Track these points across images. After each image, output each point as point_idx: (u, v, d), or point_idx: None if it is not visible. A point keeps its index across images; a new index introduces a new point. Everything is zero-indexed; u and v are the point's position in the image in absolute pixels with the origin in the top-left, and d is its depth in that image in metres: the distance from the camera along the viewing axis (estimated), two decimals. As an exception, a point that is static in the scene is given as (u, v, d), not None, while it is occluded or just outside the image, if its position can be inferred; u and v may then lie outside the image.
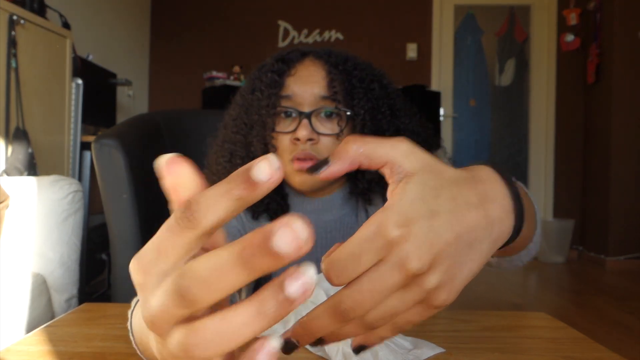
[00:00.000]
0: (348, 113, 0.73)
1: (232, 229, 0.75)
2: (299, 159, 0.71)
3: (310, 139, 0.71)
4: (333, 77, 0.72)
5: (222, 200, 0.19)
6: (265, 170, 0.19)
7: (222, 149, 0.78)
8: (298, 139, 0.70)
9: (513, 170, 4.23)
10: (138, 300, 0.47)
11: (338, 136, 0.72)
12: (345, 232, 0.81)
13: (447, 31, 4.18)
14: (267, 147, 0.74)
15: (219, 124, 0.84)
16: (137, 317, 0.44)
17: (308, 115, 0.71)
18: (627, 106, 3.54)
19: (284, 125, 0.73)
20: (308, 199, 0.79)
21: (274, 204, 0.79)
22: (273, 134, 0.73)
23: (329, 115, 0.73)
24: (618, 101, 3.55)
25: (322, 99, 0.72)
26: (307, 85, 0.72)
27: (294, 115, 0.72)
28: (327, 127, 0.72)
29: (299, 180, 0.73)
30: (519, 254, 0.54)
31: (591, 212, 3.88)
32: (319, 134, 0.72)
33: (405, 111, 0.79)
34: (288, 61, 0.74)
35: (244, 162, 0.75)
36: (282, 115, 0.73)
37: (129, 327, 0.48)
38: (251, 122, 0.75)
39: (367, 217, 0.81)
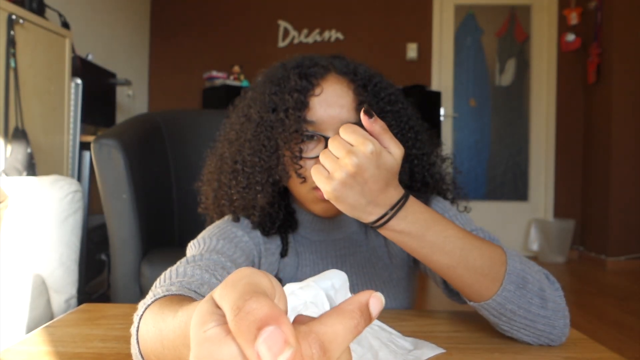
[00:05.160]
0: None
1: (244, 244, 0.71)
2: None
3: None
4: (362, 100, 0.68)
5: (350, 336, 0.23)
6: (380, 307, 0.25)
7: (235, 172, 0.72)
8: None
9: (513, 171, 4.22)
10: (147, 306, 0.47)
11: None
12: (355, 249, 0.79)
13: (447, 31, 4.18)
14: (295, 176, 0.68)
15: (218, 133, 0.78)
16: (148, 325, 0.44)
17: None
18: (627, 106, 3.54)
19: (307, 148, 0.68)
20: (318, 218, 0.76)
21: (283, 223, 0.76)
22: (300, 163, 0.68)
23: None
24: (618, 101, 3.55)
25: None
26: (333, 108, 0.67)
27: (315, 138, 0.68)
28: None
29: (322, 208, 0.69)
30: (491, 304, 0.57)
31: (591, 212, 3.87)
32: None
33: (423, 133, 0.75)
34: (310, 77, 0.69)
35: (264, 189, 0.70)
36: (304, 138, 0.68)
37: (133, 332, 0.47)
38: (274, 147, 0.69)
39: (379, 235, 0.79)
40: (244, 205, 0.72)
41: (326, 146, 0.65)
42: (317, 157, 0.66)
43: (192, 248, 0.68)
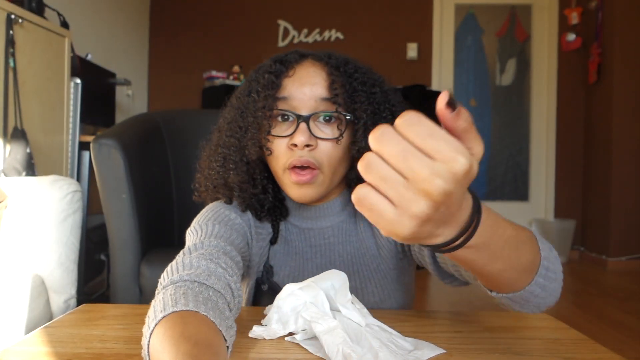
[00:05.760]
0: (348, 117, 0.69)
1: (238, 225, 0.74)
2: (295, 169, 0.68)
3: (307, 145, 0.67)
4: (334, 79, 0.69)
5: None
6: None
7: (216, 153, 0.76)
8: (295, 145, 0.67)
9: (514, 171, 4.22)
10: (156, 323, 0.49)
11: (337, 140, 0.69)
12: (344, 238, 0.79)
13: (447, 31, 4.17)
14: (261, 151, 0.71)
15: (213, 126, 0.82)
16: (156, 348, 0.46)
17: (306, 119, 0.68)
18: (628, 106, 3.54)
19: (281, 129, 0.70)
20: (305, 206, 0.78)
21: (274, 209, 0.78)
22: (269, 137, 0.70)
23: (327, 119, 0.69)
24: (619, 101, 3.54)
25: (322, 101, 0.69)
26: (306, 86, 0.69)
27: (290, 118, 0.69)
28: (325, 132, 0.69)
29: (297, 193, 0.70)
30: (521, 294, 0.52)
31: (592, 213, 3.87)
32: (317, 138, 0.68)
33: None
34: (286, 62, 0.71)
35: (237, 167, 0.73)
36: (279, 118, 0.70)
37: (144, 345, 0.50)
38: (246, 125, 0.72)
39: (368, 225, 0.79)
40: (223, 184, 0.75)
41: (298, 126, 0.68)
42: (288, 136, 0.68)
43: (191, 235, 0.70)
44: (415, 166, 0.31)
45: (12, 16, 1.90)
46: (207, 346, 0.44)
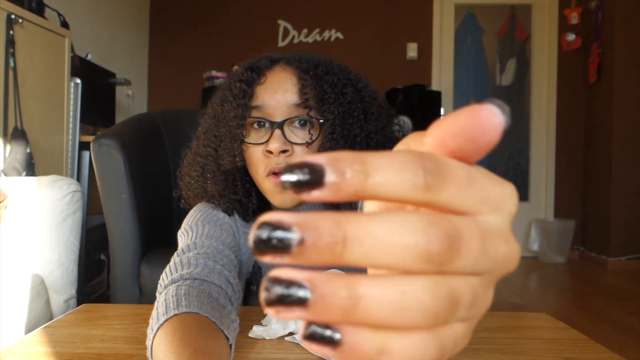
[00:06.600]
0: (321, 121, 0.70)
1: (226, 225, 0.75)
2: (275, 174, 0.69)
3: (283, 151, 0.68)
4: (304, 84, 0.69)
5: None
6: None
7: (194, 163, 0.77)
8: (271, 152, 0.68)
9: (514, 171, 4.22)
10: (159, 326, 0.50)
11: (308, 145, 0.69)
12: None
13: (447, 30, 4.17)
14: (235, 160, 0.71)
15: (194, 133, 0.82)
16: (159, 353, 0.48)
17: (280, 125, 0.68)
18: (628, 106, 3.54)
19: (257, 137, 0.70)
20: (287, 208, 0.79)
21: (259, 211, 0.79)
22: (243, 146, 0.71)
23: (303, 124, 0.70)
24: (619, 101, 3.54)
25: (294, 107, 0.69)
26: (278, 93, 0.69)
27: (267, 125, 0.70)
28: (300, 136, 0.70)
29: (278, 199, 0.71)
30: None
31: (593, 212, 3.87)
32: (292, 143, 0.69)
33: (380, 114, 0.76)
34: (257, 69, 0.72)
35: (215, 176, 0.74)
36: (255, 125, 0.70)
37: (148, 346, 0.51)
38: (221, 135, 0.73)
39: None
40: (203, 192, 0.76)
41: (272, 133, 0.68)
42: (263, 143, 0.69)
43: (183, 237, 0.72)
44: (489, 249, 0.16)
45: (12, 16, 1.90)
46: (206, 353, 0.46)
